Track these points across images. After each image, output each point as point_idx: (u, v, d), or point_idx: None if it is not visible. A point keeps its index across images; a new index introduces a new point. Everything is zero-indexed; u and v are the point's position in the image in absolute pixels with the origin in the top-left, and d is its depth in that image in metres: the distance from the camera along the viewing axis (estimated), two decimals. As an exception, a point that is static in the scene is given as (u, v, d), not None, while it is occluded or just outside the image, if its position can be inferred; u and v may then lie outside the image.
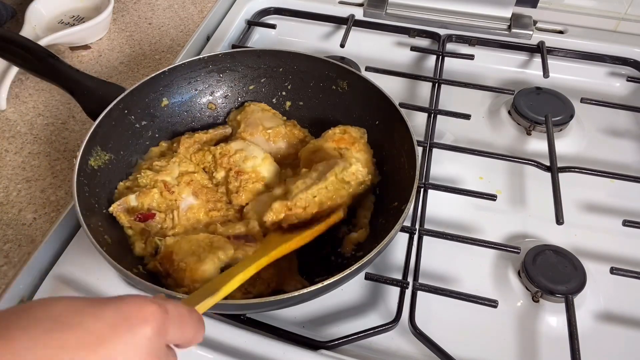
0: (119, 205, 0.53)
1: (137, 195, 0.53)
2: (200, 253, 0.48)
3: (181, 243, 0.49)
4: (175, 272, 0.48)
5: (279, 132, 0.63)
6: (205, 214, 0.54)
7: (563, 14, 0.85)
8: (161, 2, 0.90)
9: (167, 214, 0.53)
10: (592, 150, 0.69)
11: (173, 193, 0.54)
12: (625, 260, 0.58)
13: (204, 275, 0.47)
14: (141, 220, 0.52)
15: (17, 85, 0.74)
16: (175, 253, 0.49)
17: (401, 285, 0.52)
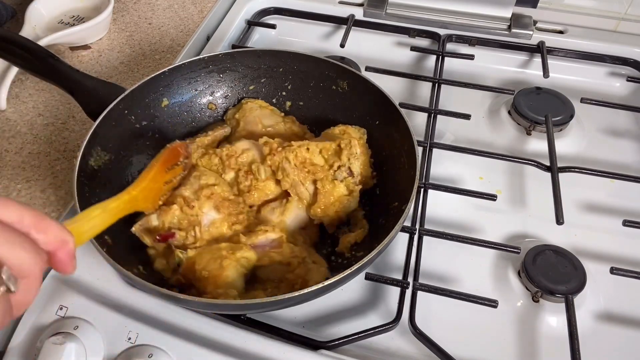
0: (141, 226, 0.52)
1: (158, 215, 0.52)
2: (222, 260, 0.48)
3: (202, 253, 0.49)
4: (197, 281, 0.48)
5: (279, 129, 0.63)
6: (229, 227, 0.53)
7: (563, 14, 0.85)
8: (161, 2, 0.90)
9: (189, 230, 0.52)
10: (592, 150, 0.69)
11: (193, 208, 0.52)
12: (625, 260, 0.58)
13: (226, 281, 0.47)
14: (161, 241, 0.52)
15: (17, 85, 0.74)
16: (197, 263, 0.48)
17: (401, 285, 0.52)
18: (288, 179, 0.55)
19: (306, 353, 0.47)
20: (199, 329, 0.48)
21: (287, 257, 0.51)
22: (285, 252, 0.51)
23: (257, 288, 0.50)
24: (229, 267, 0.47)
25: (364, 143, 0.59)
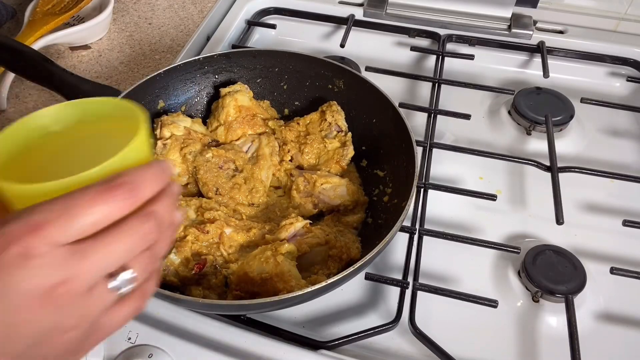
0: (165, 270, 0.50)
1: (176, 253, 0.51)
2: (273, 259, 0.48)
3: (248, 262, 0.50)
4: (259, 286, 0.48)
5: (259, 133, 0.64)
6: (245, 234, 0.54)
7: (563, 14, 0.85)
8: (161, 2, 0.90)
9: (213, 252, 0.52)
10: (592, 150, 0.69)
11: (208, 233, 0.52)
12: (625, 260, 0.58)
13: (290, 274, 0.47)
14: (200, 270, 0.51)
15: (17, 85, 0.74)
16: (249, 271, 0.48)
17: (401, 285, 0.52)
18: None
19: (306, 353, 0.47)
20: (199, 329, 0.48)
21: (323, 237, 0.52)
22: (318, 233, 0.53)
23: (310, 275, 0.51)
24: (284, 262, 0.48)
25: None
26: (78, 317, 0.26)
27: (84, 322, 0.26)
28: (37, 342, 0.25)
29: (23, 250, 0.24)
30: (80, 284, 0.25)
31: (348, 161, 0.60)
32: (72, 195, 0.25)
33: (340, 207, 0.58)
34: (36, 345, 0.25)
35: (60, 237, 0.25)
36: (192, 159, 0.58)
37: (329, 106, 0.62)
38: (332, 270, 0.51)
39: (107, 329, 0.28)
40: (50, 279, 0.24)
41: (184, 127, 0.60)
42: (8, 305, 0.24)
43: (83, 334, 0.27)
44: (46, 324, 0.25)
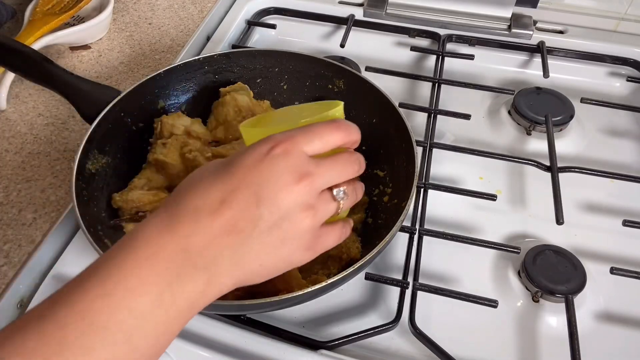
0: None
1: None
2: None
3: None
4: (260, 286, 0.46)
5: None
6: None
7: (563, 14, 0.85)
8: (161, 2, 0.90)
9: None
10: (592, 150, 0.69)
11: None
12: (625, 260, 0.58)
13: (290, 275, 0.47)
14: None
15: (17, 85, 0.74)
16: None
17: (401, 285, 0.52)
18: None
19: (306, 353, 0.47)
20: (199, 329, 0.48)
21: None
22: None
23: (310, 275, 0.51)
24: None
25: None
26: (313, 207, 0.35)
27: (317, 216, 0.35)
28: (285, 217, 0.34)
29: (284, 149, 0.35)
30: (317, 181, 0.35)
31: None
32: (314, 124, 0.37)
33: None
34: (283, 220, 0.34)
35: (307, 148, 0.35)
36: (192, 158, 0.58)
37: None
38: (332, 270, 0.51)
39: (328, 238, 0.38)
40: (300, 169, 0.34)
41: (184, 127, 0.60)
42: (274, 181, 0.34)
43: (314, 230, 0.36)
44: (294, 200, 0.34)
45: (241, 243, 0.33)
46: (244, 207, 0.33)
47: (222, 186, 0.34)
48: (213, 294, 0.34)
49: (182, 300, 0.32)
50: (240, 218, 0.33)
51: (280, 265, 0.36)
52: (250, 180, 0.34)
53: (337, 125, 0.37)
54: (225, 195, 0.33)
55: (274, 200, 0.33)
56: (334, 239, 0.39)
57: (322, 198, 0.36)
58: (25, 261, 0.54)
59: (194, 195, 0.34)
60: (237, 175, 0.34)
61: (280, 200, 0.34)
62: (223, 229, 0.33)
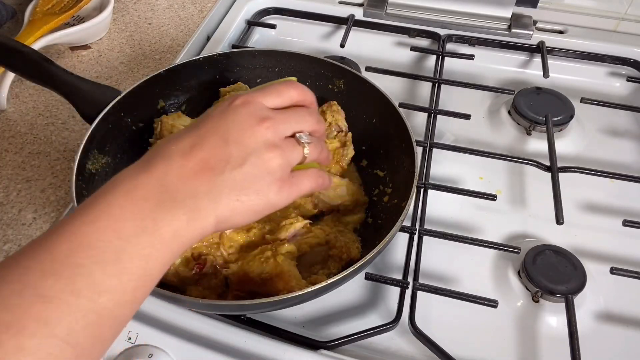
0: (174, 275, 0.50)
1: None
2: (273, 259, 0.48)
3: (248, 262, 0.49)
4: (259, 287, 0.48)
5: None
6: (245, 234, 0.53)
7: (563, 14, 0.85)
8: (161, 2, 0.90)
9: (214, 252, 0.51)
10: (592, 150, 0.69)
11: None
12: (625, 260, 0.58)
13: (290, 274, 0.47)
14: (201, 270, 0.51)
15: (17, 85, 0.74)
16: (250, 272, 0.48)
17: (401, 285, 0.52)
18: None
19: (306, 353, 0.47)
20: (199, 329, 0.48)
21: (323, 236, 0.52)
22: (318, 233, 0.53)
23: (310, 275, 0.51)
24: (284, 263, 0.48)
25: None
26: (279, 147, 0.37)
27: (284, 156, 0.38)
28: (252, 153, 0.36)
29: (244, 100, 0.38)
30: (279, 126, 0.38)
31: (348, 161, 0.60)
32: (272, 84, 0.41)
33: (340, 207, 0.57)
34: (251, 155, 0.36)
35: (264, 100, 0.39)
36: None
37: (329, 106, 0.62)
38: (332, 270, 0.51)
39: (302, 182, 0.40)
40: (261, 114, 0.38)
41: (184, 127, 0.60)
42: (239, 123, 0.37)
43: (284, 168, 0.38)
44: (259, 138, 0.37)
45: (215, 180, 0.35)
46: (213, 148, 0.36)
47: (192, 134, 0.37)
48: (196, 228, 0.34)
49: (165, 229, 0.33)
50: (211, 157, 0.35)
51: (258, 201, 0.37)
52: (217, 126, 0.37)
53: (291, 83, 0.41)
54: (196, 140, 0.36)
55: (240, 139, 0.36)
56: (309, 183, 0.41)
57: (286, 141, 0.39)
58: (25, 261, 0.54)
59: (167, 144, 0.36)
60: (205, 125, 0.37)
61: (246, 138, 0.36)
62: (196, 168, 0.35)
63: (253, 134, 0.37)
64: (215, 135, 0.36)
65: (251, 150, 0.36)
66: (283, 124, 0.39)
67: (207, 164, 0.35)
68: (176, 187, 0.34)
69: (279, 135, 0.38)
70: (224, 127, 0.37)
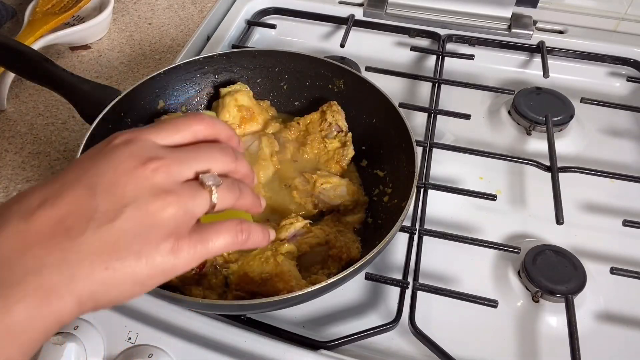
0: None
1: None
2: (273, 259, 0.48)
3: (248, 262, 0.50)
4: (259, 286, 0.48)
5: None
6: None
7: (563, 14, 0.85)
8: (161, 2, 0.90)
9: None
10: (592, 150, 0.69)
11: None
12: (625, 260, 0.58)
13: (290, 274, 0.48)
14: (201, 270, 0.51)
15: (17, 85, 0.74)
16: (250, 271, 0.48)
17: (401, 285, 0.52)
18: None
19: (306, 353, 0.47)
20: (199, 329, 0.48)
21: (323, 236, 0.53)
22: (318, 233, 0.53)
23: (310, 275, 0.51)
24: (284, 262, 0.48)
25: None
26: (172, 193, 0.28)
27: (181, 205, 0.29)
28: (130, 203, 0.27)
29: (127, 138, 0.30)
30: (172, 166, 0.29)
31: (348, 161, 0.61)
32: (172, 118, 0.32)
33: (340, 207, 0.58)
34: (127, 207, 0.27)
35: (160, 139, 0.30)
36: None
37: (329, 106, 0.62)
38: (332, 270, 0.51)
39: (215, 238, 0.30)
40: (146, 153, 0.29)
41: None
42: (114, 168, 0.28)
43: (182, 222, 0.29)
44: (141, 184, 0.28)
45: (71, 244, 0.26)
46: (73, 202, 0.27)
47: (47, 187, 0.28)
48: (45, 315, 0.25)
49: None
50: (68, 214, 0.26)
51: (141, 266, 0.27)
52: (83, 174, 0.28)
53: (195, 115, 0.33)
54: (49, 195, 0.27)
55: (113, 186, 0.27)
56: (224, 240, 0.31)
57: (185, 185, 0.30)
58: (25, 261, 0.54)
59: (9, 203, 0.28)
60: (67, 174, 0.28)
61: (121, 185, 0.27)
62: (44, 231, 0.26)
63: (132, 179, 0.28)
64: (78, 185, 0.27)
65: (129, 201, 0.27)
66: (179, 164, 0.30)
67: (60, 224, 0.26)
68: (7, 265, 0.25)
69: (172, 178, 0.29)
70: (92, 174, 0.28)
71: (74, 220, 0.26)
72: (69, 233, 0.26)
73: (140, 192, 0.27)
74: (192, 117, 0.32)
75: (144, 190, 0.28)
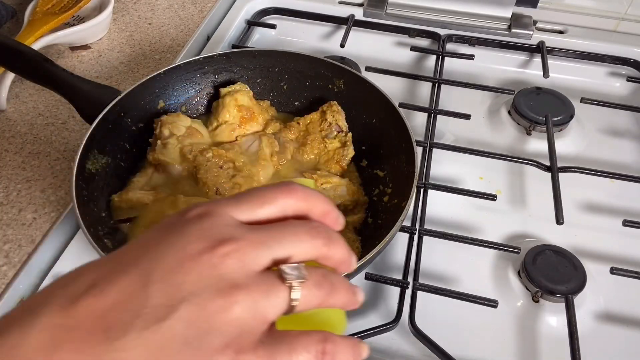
0: None
1: None
2: None
3: None
4: None
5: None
6: None
7: (563, 14, 0.85)
8: (161, 2, 0.90)
9: None
10: (592, 150, 0.69)
11: None
12: (625, 260, 0.58)
13: None
14: None
15: (17, 85, 0.74)
16: None
17: (401, 285, 0.52)
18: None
19: (306, 353, 0.47)
20: (199, 329, 0.48)
21: None
22: None
23: None
24: None
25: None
26: (242, 288, 0.23)
27: (251, 303, 0.23)
28: (188, 299, 0.22)
29: (204, 210, 0.25)
30: (248, 251, 0.24)
31: (348, 161, 0.61)
32: (257, 188, 0.27)
33: (340, 207, 0.57)
34: (183, 302, 0.22)
35: (240, 214, 0.25)
36: (192, 158, 0.58)
37: (329, 106, 0.62)
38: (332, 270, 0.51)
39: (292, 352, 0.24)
40: (219, 232, 0.24)
41: (184, 127, 0.60)
42: (175, 251, 0.23)
43: (253, 327, 0.23)
44: (204, 275, 0.22)
45: (107, 349, 0.21)
46: (122, 291, 0.22)
47: (102, 265, 0.23)
48: None
49: None
50: (113, 308, 0.21)
51: None
52: (142, 255, 0.23)
53: (286, 185, 0.27)
54: (98, 278, 0.22)
55: (172, 275, 0.22)
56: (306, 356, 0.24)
57: (260, 277, 0.24)
58: (25, 261, 0.54)
59: (56, 283, 0.23)
60: (128, 252, 0.24)
61: (182, 274, 0.22)
62: (82, 327, 0.21)
63: (197, 266, 0.23)
64: (134, 269, 0.22)
65: (186, 294, 0.22)
66: (256, 248, 0.24)
67: (101, 320, 0.21)
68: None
69: (245, 267, 0.23)
70: (151, 257, 0.23)
71: (117, 316, 0.21)
72: (108, 334, 0.21)
73: (202, 284, 0.22)
74: (282, 188, 0.27)
75: (207, 282, 0.22)
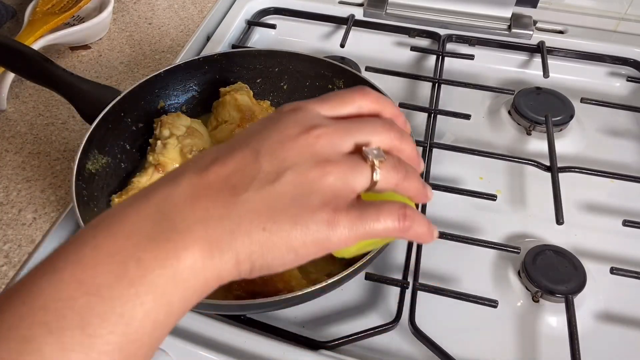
0: None
1: None
2: None
3: None
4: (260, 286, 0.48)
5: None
6: None
7: (563, 14, 0.85)
8: (161, 2, 0.90)
9: None
10: (592, 150, 0.69)
11: None
12: (625, 260, 0.58)
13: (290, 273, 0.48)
14: None
15: (17, 85, 0.74)
16: None
17: (401, 285, 0.52)
18: None
19: (306, 353, 0.47)
20: (199, 329, 0.48)
21: None
22: None
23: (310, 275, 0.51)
24: None
25: None
26: (332, 163, 0.28)
27: (341, 175, 0.28)
28: (291, 167, 0.27)
29: (294, 106, 0.31)
30: (334, 136, 0.29)
31: None
32: (336, 92, 0.32)
33: None
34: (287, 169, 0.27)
35: (325, 110, 0.31)
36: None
37: None
38: (332, 270, 0.51)
39: (377, 219, 0.28)
40: (310, 121, 0.29)
41: (184, 126, 0.60)
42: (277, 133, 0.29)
43: (343, 195, 0.28)
44: (302, 150, 0.28)
45: (235, 201, 0.26)
46: (240, 162, 0.28)
47: (221, 148, 0.29)
48: (209, 267, 0.26)
49: (156, 272, 0.24)
50: (234, 172, 0.27)
51: (295, 232, 0.27)
52: (252, 138, 0.29)
53: (361, 89, 0.32)
54: (220, 155, 0.28)
55: (276, 150, 0.28)
56: (384, 223, 0.29)
57: (346, 156, 0.29)
58: (25, 261, 0.54)
59: (187, 162, 0.30)
60: (239, 138, 0.30)
61: (284, 150, 0.28)
62: (213, 186, 0.27)
63: (295, 144, 0.28)
64: (246, 147, 0.28)
65: (290, 164, 0.28)
66: (342, 134, 0.29)
67: (227, 180, 0.27)
68: (179, 211, 0.26)
69: (334, 147, 0.29)
70: (259, 137, 0.29)
71: (239, 178, 0.27)
72: (234, 190, 0.27)
73: (301, 158, 0.28)
74: (357, 91, 0.32)
75: (305, 156, 0.28)
